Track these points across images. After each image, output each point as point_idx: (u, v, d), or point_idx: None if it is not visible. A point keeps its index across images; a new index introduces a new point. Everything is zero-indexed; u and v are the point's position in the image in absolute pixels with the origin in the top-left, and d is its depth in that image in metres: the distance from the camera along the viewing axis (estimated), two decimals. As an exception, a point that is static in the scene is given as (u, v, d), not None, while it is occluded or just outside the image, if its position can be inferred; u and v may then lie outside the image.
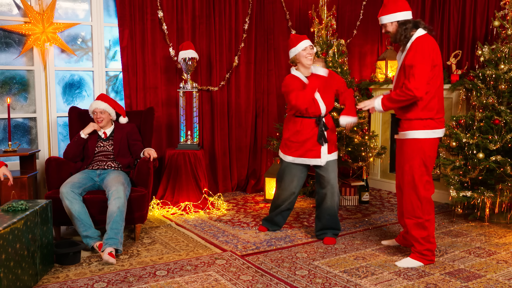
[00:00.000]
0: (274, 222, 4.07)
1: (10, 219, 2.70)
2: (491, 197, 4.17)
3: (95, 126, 3.97)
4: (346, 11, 6.09)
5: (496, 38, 4.74)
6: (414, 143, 3.20)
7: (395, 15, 3.22)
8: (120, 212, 3.42)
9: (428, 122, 3.18)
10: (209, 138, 5.38)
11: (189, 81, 4.76)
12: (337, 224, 3.83)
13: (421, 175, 3.20)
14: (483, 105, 4.32)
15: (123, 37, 4.78)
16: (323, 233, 3.83)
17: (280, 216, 4.04)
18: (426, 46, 3.09)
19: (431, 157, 3.23)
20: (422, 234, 3.23)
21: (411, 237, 3.28)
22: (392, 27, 3.26)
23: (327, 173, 3.73)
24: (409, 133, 3.22)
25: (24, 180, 3.98)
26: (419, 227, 3.23)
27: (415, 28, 3.20)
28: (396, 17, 3.22)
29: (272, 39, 5.66)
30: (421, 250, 3.25)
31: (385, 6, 3.27)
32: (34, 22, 4.39)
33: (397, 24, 3.23)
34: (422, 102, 3.15)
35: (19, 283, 2.72)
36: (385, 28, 3.30)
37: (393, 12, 3.22)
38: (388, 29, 3.29)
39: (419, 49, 3.08)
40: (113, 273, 3.15)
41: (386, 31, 3.31)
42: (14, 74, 4.54)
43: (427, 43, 3.12)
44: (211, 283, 2.99)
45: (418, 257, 3.27)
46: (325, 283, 3.00)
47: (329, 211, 3.78)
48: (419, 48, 3.09)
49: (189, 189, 4.68)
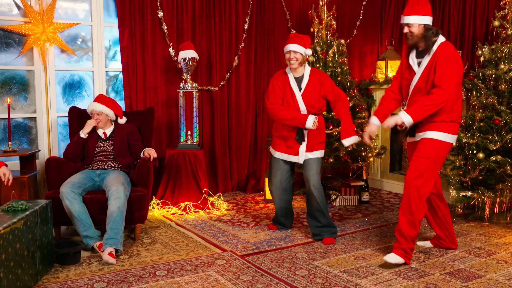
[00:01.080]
0: (281, 222, 4.11)
1: (10, 219, 2.70)
2: (491, 197, 4.17)
3: (93, 123, 3.96)
4: (346, 11, 6.09)
5: (496, 38, 4.74)
6: (432, 142, 3.20)
7: (425, 18, 3.19)
8: (120, 212, 3.42)
9: (451, 126, 3.21)
10: (209, 138, 5.38)
11: (189, 81, 4.76)
12: (330, 223, 3.84)
13: (430, 174, 3.20)
14: (483, 105, 4.32)
15: (123, 37, 4.78)
16: (320, 233, 3.83)
17: (283, 217, 4.07)
18: (454, 52, 3.13)
19: (443, 161, 3.27)
20: (411, 233, 3.23)
21: (400, 233, 3.26)
22: (418, 29, 3.20)
23: (306, 171, 3.78)
24: (429, 133, 3.22)
25: (24, 180, 3.98)
26: (411, 225, 3.21)
27: (437, 34, 3.21)
28: (425, 20, 3.19)
29: (272, 39, 5.66)
30: (406, 248, 3.25)
31: (414, 6, 3.20)
32: (34, 22, 4.39)
33: (423, 28, 3.19)
34: (448, 104, 3.16)
35: (19, 283, 2.72)
36: (410, 28, 3.21)
37: (423, 15, 3.19)
38: (413, 30, 3.21)
39: (451, 54, 3.11)
40: (113, 273, 3.15)
41: (410, 32, 3.23)
42: (14, 74, 4.54)
43: (454, 49, 3.16)
44: (211, 283, 2.99)
45: (401, 254, 3.25)
46: (325, 283, 3.00)
47: (316, 209, 3.80)
48: (449, 52, 3.11)
49: (189, 189, 4.68)
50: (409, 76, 3.35)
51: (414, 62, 3.30)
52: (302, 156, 3.77)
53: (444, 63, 3.10)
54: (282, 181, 3.92)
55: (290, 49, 3.68)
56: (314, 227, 3.85)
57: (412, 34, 3.23)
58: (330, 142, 4.90)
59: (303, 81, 3.76)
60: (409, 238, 3.23)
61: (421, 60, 3.27)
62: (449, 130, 3.21)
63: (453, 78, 3.08)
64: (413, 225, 3.22)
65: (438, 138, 3.20)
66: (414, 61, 3.31)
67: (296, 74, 3.78)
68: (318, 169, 3.78)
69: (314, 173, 3.76)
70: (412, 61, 3.32)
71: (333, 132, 4.89)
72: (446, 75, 3.08)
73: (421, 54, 3.27)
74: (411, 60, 3.33)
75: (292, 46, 3.68)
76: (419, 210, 3.20)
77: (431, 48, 3.19)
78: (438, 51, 3.15)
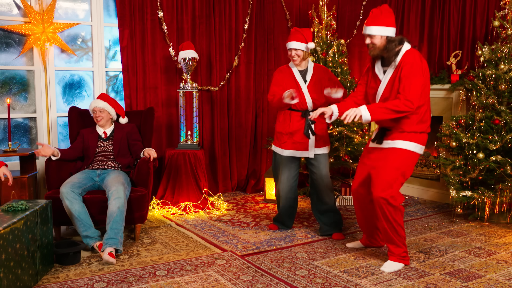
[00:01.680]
0: (283, 222, 4.11)
1: (10, 219, 2.70)
2: (491, 197, 4.17)
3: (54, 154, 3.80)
4: (346, 11, 6.09)
5: (496, 38, 4.74)
6: (403, 153, 3.14)
7: (387, 29, 3.11)
8: (120, 212, 3.42)
9: (421, 136, 3.18)
10: (209, 138, 5.38)
11: (189, 81, 4.76)
12: (341, 219, 3.92)
13: (398, 184, 3.15)
14: (483, 105, 4.32)
15: (123, 37, 4.78)
16: (329, 229, 3.89)
17: (287, 216, 4.07)
18: (418, 59, 3.06)
19: (411, 171, 3.21)
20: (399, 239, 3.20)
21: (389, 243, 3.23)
22: (381, 40, 3.12)
23: (318, 169, 3.80)
24: (399, 142, 3.16)
25: (24, 180, 3.98)
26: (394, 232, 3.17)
27: (401, 44, 3.12)
28: (388, 31, 3.11)
29: (272, 39, 5.66)
30: (400, 253, 3.23)
31: (378, 17, 3.11)
32: (34, 22, 4.39)
33: (386, 39, 3.12)
34: (418, 115, 3.12)
35: (19, 283, 2.72)
36: (372, 39, 3.13)
37: (386, 25, 3.11)
38: (375, 41, 3.13)
39: (415, 62, 3.04)
40: (113, 273, 3.15)
41: (372, 43, 3.15)
42: (14, 74, 4.54)
43: (419, 56, 3.10)
44: (211, 283, 2.99)
45: (398, 260, 3.24)
46: (325, 283, 3.00)
47: (328, 208, 3.86)
48: (414, 61, 3.04)
49: (189, 189, 4.68)
50: (374, 85, 3.27)
51: (380, 71, 3.23)
52: (312, 151, 3.78)
53: (408, 73, 3.02)
54: (290, 179, 3.92)
55: (291, 47, 3.73)
56: (323, 224, 3.91)
57: (374, 46, 3.15)
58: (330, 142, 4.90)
59: (308, 74, 3.78)
60: (399, 243, 3.22)
61: (386, 68, 3.20)
62: (419, 141, 3.17)
63: (418, 89, 3.01)
64: (397, 231, 3.18)
65: (408, 148, 3.15)
66: (380, 70, 3.24)
67: (300, 68, 3.81)
68: (327, 165, 3.83)
69: (325, 168, 3.81)
70: (378, 69, 3.25)
71: (333, 132, 4.90)
72: (411, 85, 3.00)
73: (386, 62, 3.18)
74: (377, 69, 3.25)
75: (292, 44, 3.71)
76: (397, 216, 3.15)
77: (394, 59, 3.11)
78: (403, 60, 3.07)
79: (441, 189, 5.04)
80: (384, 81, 3.19)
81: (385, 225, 3.17)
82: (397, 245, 3.22)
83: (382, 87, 3.20)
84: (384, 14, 3.13)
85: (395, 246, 3.22)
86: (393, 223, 3.14)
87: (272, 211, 4.71)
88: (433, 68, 5.54)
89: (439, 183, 5.10)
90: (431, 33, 5.60)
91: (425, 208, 4.88)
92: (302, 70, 3.81)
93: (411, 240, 3.83)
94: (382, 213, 3.15)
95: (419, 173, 5.38)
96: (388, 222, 3.15)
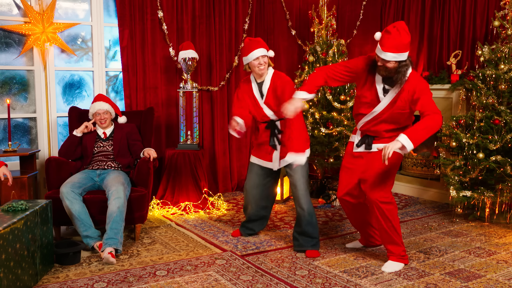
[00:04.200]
0: (249, 227, 3.91)
1: (10, 219, 2.70)
2: (491, 197, 4.17)
3: (90, 127, 3.97)
4: (346, 11, 6.09)
5: (496, 38, 4.74)
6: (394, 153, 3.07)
7: (403, 55, 2.96)
8: (120, 212, 3.42)
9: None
10: (209, 138, 5.38)
11: (189, 81, 4.76)
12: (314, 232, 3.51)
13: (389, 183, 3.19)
14: (483, 105, 4.32)
15: (123, 37, 4.78)
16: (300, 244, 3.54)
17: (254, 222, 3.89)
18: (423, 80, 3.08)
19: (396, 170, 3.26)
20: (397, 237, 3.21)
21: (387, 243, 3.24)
22: (394, 64, 2.98)
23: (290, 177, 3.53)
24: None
25: (24, 180, 3.98)
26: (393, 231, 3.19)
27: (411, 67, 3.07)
28: (403, 57, 2.97)
29: (272, 39, 5.66)
30: (400, 252, 3.24)
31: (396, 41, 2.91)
32: (34, 22, 4.39)
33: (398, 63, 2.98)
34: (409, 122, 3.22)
35: (19, 283, 2.72)
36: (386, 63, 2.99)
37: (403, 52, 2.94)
38: (389, 66, 2.99)
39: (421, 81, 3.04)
40: (113, 273, 3.15)
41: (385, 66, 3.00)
42: (14, 74, 4.54)
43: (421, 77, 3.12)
44: (211, 283, 2.99)
45: (398, 259, 3.25)
46: (325, 283, 3.00)
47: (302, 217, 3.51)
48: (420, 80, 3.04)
49: (189, 189, 4.68)
50: (368, 95, 3.17)
51: (380, 87, 3.14)
52: (276, 162, 3.59)
53: (421, 93, 2.99)
54: (258, 186, 3.71)
55: (258, 55, 3.46)
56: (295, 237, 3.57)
57: (386, 68, 3.03)
58: (330, 142, 4.91)
59: (264, 86, 3.55)
60: (398, 241, 3.23)
61: (389, 88, 3.10)
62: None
63: (432, 100, 3.03)
64: (395, 229, 3.19)
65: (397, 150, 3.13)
66: (380, 85, 3.14)
67: (259, 79, 3.58)
68: (303, 172, 3.48)
69: (300, 177, 3.48)
70: (378, 84, 3.14)
71: (333, 132, 4.90)
72: (429, 100, 2.99)
73: (389, 82, 3.08)
74: (377, 84, 3.14)
75: (258, 52, 3.46)
76: (395, 212, 3.18)
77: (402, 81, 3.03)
78: (409, 83, 3.03)
79: (441, 189, 5.04)
80: (385, 102, 3.11)
81: (384, 226, 3.18)
82: (397, 243, 3.23)
83: (381, 107, 3.13)
84: (402, 35, 2.91)
85: (395, 245, 3.23)
86: (392, 221, 3.17)
87: (274, 212, 4.71)
88: (433, 68, 5.54)
89: (439, 183, 5.10)
90: (431, 33, 5.60)
91: (425, 208, 4.88)
92: (260, 83, 3.57)
93: (411, 240, 3.84)
94: (381, 214, 3.16)
95: (419, 173, 5.38)
96: (387, 221, 3.16)
